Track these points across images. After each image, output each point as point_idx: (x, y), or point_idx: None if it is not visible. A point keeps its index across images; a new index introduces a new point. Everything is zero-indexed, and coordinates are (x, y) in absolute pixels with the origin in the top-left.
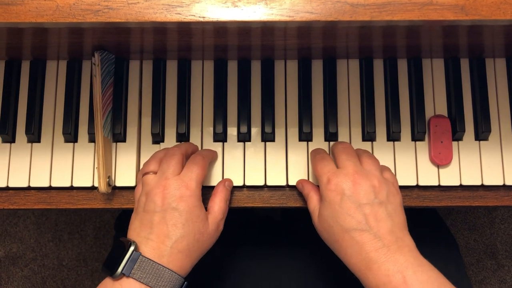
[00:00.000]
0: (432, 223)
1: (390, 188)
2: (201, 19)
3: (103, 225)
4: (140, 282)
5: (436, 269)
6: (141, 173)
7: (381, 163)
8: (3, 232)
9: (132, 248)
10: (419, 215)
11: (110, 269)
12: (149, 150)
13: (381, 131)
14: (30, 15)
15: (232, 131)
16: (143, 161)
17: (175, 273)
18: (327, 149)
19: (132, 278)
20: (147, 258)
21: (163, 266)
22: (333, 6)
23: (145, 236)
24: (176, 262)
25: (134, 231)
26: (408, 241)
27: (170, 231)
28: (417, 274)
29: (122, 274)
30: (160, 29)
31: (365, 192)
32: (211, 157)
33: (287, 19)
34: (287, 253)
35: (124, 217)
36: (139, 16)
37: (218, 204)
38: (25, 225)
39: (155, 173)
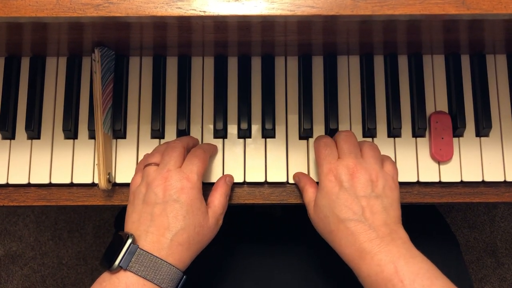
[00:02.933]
0: (433, 220)
1: (387, 182)
2: (202, 13)
3: (103, 224)
4: (137, 275)
5: (429, 261)
6: (142, 163)
7: None
8: (2, 231)
9: (129, 241)
10: (419, 212)
11: (107, 262)
12: (149, 147)
13: (381, 127)
14: (30, 10)
15: (232, 128)
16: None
17: (174, 266)
18: None
19: (130, 271)
20: (145, 251)
21: (161, 259)
22: (334, 0)
23: (145, 229)
24: (176, 255)
25: (133, 224)
26: (401, 233)
27: (170, 223)
28: (409, 265)
29: (120, 267)
30: (161, 25)
31: (363, 185)
32: (212, 151)
33: (288, 13)
34: (287, 250)
35: (123, 214)
36: (139, 10)
37: (218, 199)
38: (25, 224)
39: (157, 165)
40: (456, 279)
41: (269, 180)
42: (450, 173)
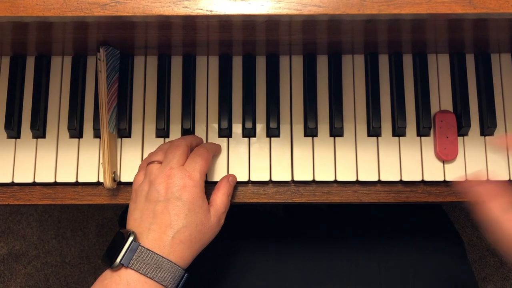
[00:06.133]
0: (438, 218)
1: None
2: (209, 13)
3: (106, 223)
4: (139, 272)
5: None
6: (145, 161)
7: (386, 159)
8: (6, 230)
9: (131, 238)
10: (424, 210)
11: (109, 260)
12: (154, 145)
13: (386, 126)
14: (38, 9)
15: (237, 127)
16: None
17: (175, 264)
18: (332, 145)
19: (131, 268)
20: (146, 249)
21: (163, 257)
22: None
23: (147, 227)
24: (177, 253)
25: (135, 222)
26: None
27: (172, 220)
28: None
29: (121, 265)
30: (166, 24)
31: None
32: (215, 150)
33: (295, 12)
34: (289, 248)
35: (127, 213)
36: (146, 10)
37: (220, 198)
38: (28, 223)
39: (160, 163)
40: (461, 276)
41: (273, 179)
42: (454, 172)
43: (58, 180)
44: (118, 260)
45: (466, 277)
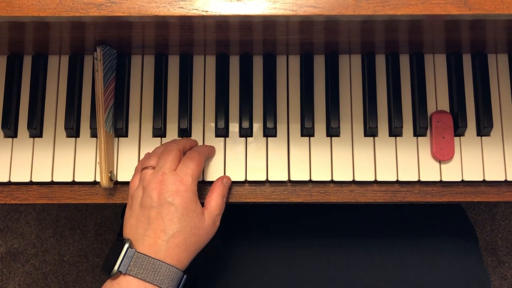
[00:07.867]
0: (456, 216)
1: None
2: (204, 13)
3: (104, 221)
4: (137, 278)
5: None
6: (141, 164)
7: (382, 159)
8: (4, 228)
9: (126, 245)
10: (443, 207)
11: (107, 269)
12: (151, 145)
13: (383, 126)
14: (33, 9)
15: (234, 127)
16: None
17: (173, 266)
18: (328, 145)
19: (129, 275)
20: (142, 254)
21: (159, 261)
22: (336, 0)
23: (142, 233)
24: (174, 257)
25: (131, 229)
26: None
27: (166, 226)
28: None
29: (119, 272)
30: (163, 24)
31: None
32: (208, 153)
33: (290, 13)
34: (284, 244)
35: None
36: (142, 10)
37: (215, 200)
38: (26, 221)
39: (154, 168)
40: (476, 273)
41: (270, 179)
42: (451, 172)
43: (55, 180)
44: (115, 268)
45: (480, 275)
